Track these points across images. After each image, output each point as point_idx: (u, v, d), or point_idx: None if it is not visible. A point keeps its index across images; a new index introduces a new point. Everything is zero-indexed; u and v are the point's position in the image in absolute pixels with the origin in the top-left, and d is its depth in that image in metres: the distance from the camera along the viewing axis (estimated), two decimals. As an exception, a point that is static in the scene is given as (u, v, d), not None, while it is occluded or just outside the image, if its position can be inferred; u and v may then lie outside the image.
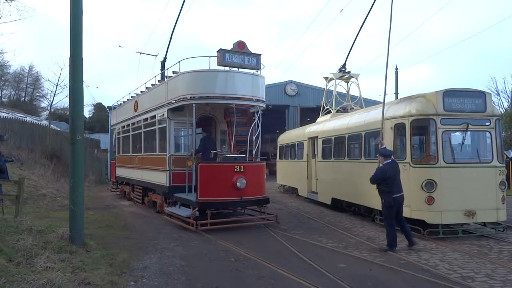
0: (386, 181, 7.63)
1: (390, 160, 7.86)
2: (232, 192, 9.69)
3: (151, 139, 12.99)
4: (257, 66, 10.78)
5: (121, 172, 17.00)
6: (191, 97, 10.26)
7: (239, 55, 10.51)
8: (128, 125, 15.58)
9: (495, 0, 74.75)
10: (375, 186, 7.98)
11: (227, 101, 10.50)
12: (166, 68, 13.22)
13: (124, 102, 17.13)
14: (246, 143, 10.77)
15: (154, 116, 12.35)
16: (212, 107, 11.93)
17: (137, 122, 14.26)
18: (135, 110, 14.53)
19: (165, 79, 12.21)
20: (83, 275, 5.56)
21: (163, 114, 11.44)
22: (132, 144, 15.27)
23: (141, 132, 13.92)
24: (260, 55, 10.83)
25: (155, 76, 13.92)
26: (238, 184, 9.63)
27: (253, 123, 10.85)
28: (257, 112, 10.89)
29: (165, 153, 11.34)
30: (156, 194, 12.56)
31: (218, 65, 10.40)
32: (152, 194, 13.12)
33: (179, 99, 10.53)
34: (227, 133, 11.91)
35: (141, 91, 14.60)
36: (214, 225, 9.53)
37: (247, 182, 9.76)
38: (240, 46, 10.62)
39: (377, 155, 8.50)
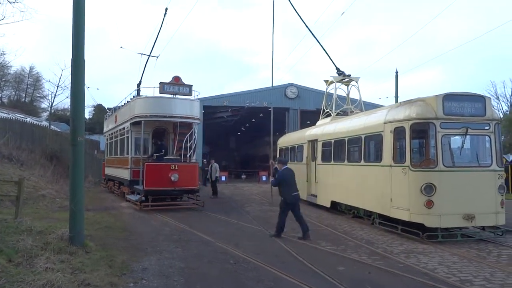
0: (286, 183, 9.18)
1: (286, 166, 9.53)
2: (169, 183, 13.15)
3: (122, 144, 16.33)
4: (189, 94, 14.57)
5: (107, 171, 20.31)
6: (142, 116, 14.04)
7: (175, 86, 14.32)
8: (112, 133, 19.04)
9: (495, 6, 75.01)
10: (375, 189, 8.13)
11: (168, 119, 14.33)
12: (140, 87, 16.73)
13: (110, 114, 20.74)
14: (186, 149, 14.38)
15: (124, 128, 15.82)
16: (165, 122, 14.99)
17: (116, 131, 17.64)
18: (115, 121, 17.95)
19: (130, 101, 15.89)
20: (82, 276, 5.57)
21: (128, 126, 14.95)
22: (113, 148, 18.58)
23: (118, 139, 17.30)
24: (191, 85, 14.64)
25: (125, 98, 17.43)
26: (172, 178, 13.12)
27: (188, 134, 14.44)
28: (194, 127, 14.68)
29: (128, 155, 14.90)
30: (124, 186, 15.86)
31: (160, 93, 14.22)
32: (122, 186, 16.39)
33: (135, 116, 14.25)
34: (174, 141, 15.38)
35: (119, 107, 18.08)
36: (154, 207, 13.12)
37: (180, 177, 13.23)
38: (176, 80, 14.46)
39: (276, 162, 10.33)
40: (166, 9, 16.77)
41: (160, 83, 14.15)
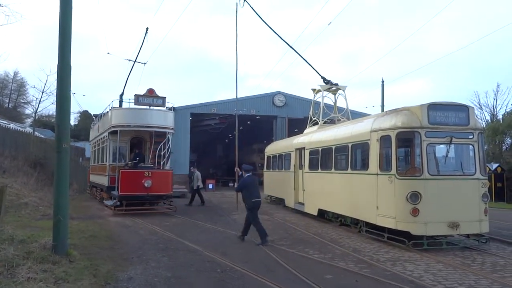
0: (247, 189, 9.71)
1: (250, 173, 10.08)
2: (142, 189, 13.99)
3: (102, 152, 17.11)
4: (163, 105, 15.80)
5: (92, 178, 20.98)
6: (119, 126, 14.95)
7: (149, 98, 15.45)
8: (95, 142, 19.85)
9: (478, 19, 76.97)
10: (362, 197, 8.24)
11: (144, 128, 15.37)
12: (122, 98, 17.87)
13: (95, 123, 21.30)
14: (160, 157, 15.27)
15: (104, 136, 16.59)
16: (141, 131, 15.95)
17: (98, 139, 18.39)
18: (98, 131, 18.70)
19: (109, 111, 16.47)
20: (66, 286, 5.47)
21: (107, 135, 15.74)
22: (96, 156, 19.39)
23: (99, 148, 18.11)
24: (165, 97, 15.83)
25: (105, 108, 17.96)
26: (145, 184, 14.01)
27: (161, 143, 15.35)
28: (168, 136, 15.64)
29: (106, 163, 15.70)
30: (104, 192, 16.64)
31: (134, 104, 15.48)
32: (102, 192, 17.08)
33: (112, 126, 15.11)
34: (150, 150, 16.44)
35: (101, 116, 18.74)
36: (128, 211, 13.98)
37: (153, 183, 14.10)
38: (150, 92, 15.62)
39: (241, 170, 10.72)
40: (147, 28, 17.85)
41: (135, 95, 15.46)
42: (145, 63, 19.51)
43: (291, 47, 16.51)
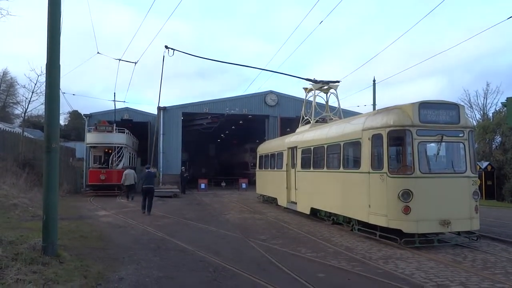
0: (142, 179, 15.31)
1: (148, 170, 15.27)
2: (99, 180, 23.30)
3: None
4: (111, 130, 24.51)
5: None
6: (90, 144, 25.00)
7: (103, 126, 24.88)
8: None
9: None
10: (354, 195, 8.82)
11: (106, 145, 24.76)
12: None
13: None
14: (118, 162, 24.48)
15: (87, 148, 26.45)
16: (106, 146, 25.20)
17: None
18: None
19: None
20: (56, 287, 5.38)
21: (88, 148, 26.08)
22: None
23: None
24: (114, 124, 25.18)
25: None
26: (101, 177, 23.27)
27: (113, 153, 24.30)
28: (120, 148, 24.69)
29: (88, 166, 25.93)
30: None
31: (94, 131, 24.82)
32: None
33: (87, 143, 25.17)
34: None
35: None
36: (93, 192, 23.24)
37: (106, 177, 23.30)
38: (103, 122, 25.39)
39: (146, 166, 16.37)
40: (114, 93, 27.31)
41: (95, 124, 25.25)
42: (135, 63, 19.40)
43: (263, 69, 19.36)
